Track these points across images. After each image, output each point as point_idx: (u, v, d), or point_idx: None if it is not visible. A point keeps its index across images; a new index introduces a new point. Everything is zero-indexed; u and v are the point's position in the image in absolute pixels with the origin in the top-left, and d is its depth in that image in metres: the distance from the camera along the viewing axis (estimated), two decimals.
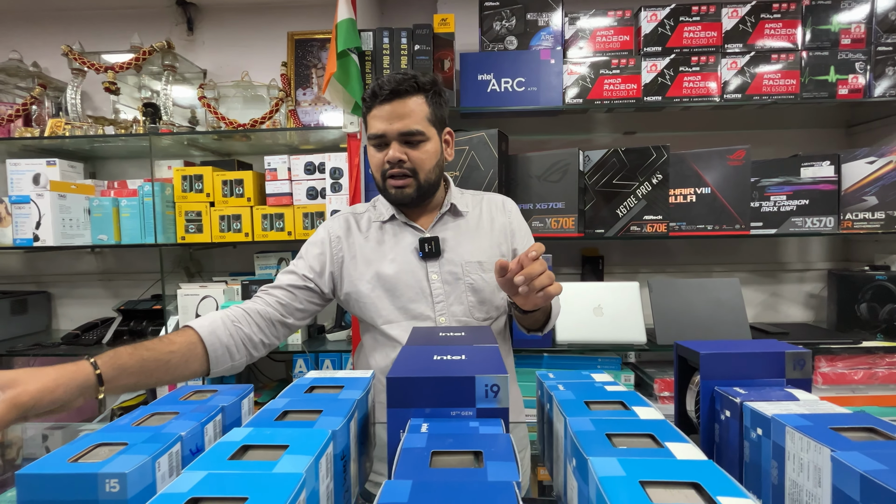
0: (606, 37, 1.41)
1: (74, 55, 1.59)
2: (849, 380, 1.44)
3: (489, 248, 0.91)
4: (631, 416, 0.45)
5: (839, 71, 1.38)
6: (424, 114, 0.83)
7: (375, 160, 0.86)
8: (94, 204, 1.52)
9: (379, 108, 0.82)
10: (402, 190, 0.85)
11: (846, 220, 1.45)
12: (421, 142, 0.84)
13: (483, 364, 0.50)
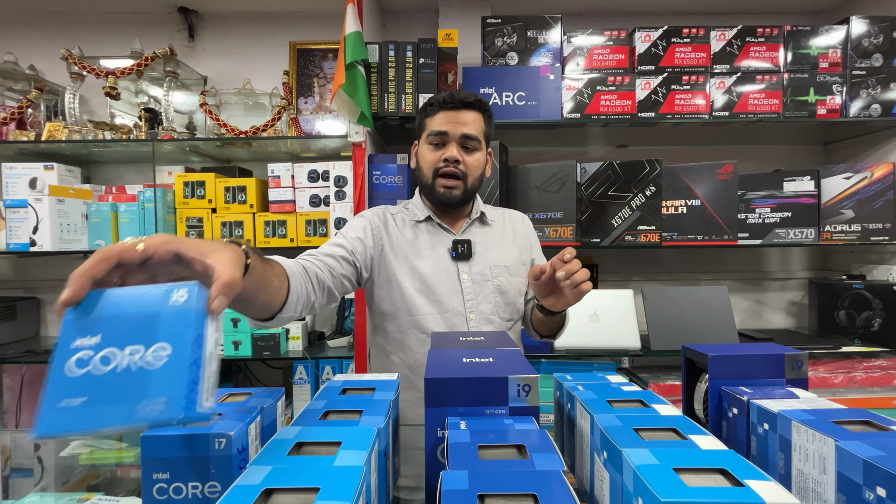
0: (602, 55, 1.47)
1: (74, 59, 1.58)
2: (829, 384, 1.52)
3: (514, 255, 0.99)
4: (652, 413, 0.49)
5: (818, 92, 1.47)
6: (481, 128, 0.94)
7: (430, 158, 0.93)
8: (92, 209, 1.51)
9: (445, 112, 0.92)
10: (450, 190, 0.93)
11: (826, 232, 1.54)
12: (475, 149, 0.94)
13: (513, 365, 0.53)
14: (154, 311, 0.36)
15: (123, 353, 0.35)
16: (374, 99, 1.43)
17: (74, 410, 0.33)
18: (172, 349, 0.35)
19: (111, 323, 0.36)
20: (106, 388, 0.34)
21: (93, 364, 0.34)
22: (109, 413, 0.33)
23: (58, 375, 0.34)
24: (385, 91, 1.43)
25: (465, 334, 0.73)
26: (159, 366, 0.34)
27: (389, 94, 1.42)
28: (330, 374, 1.56)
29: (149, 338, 0.35)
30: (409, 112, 1.42)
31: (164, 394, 0.34)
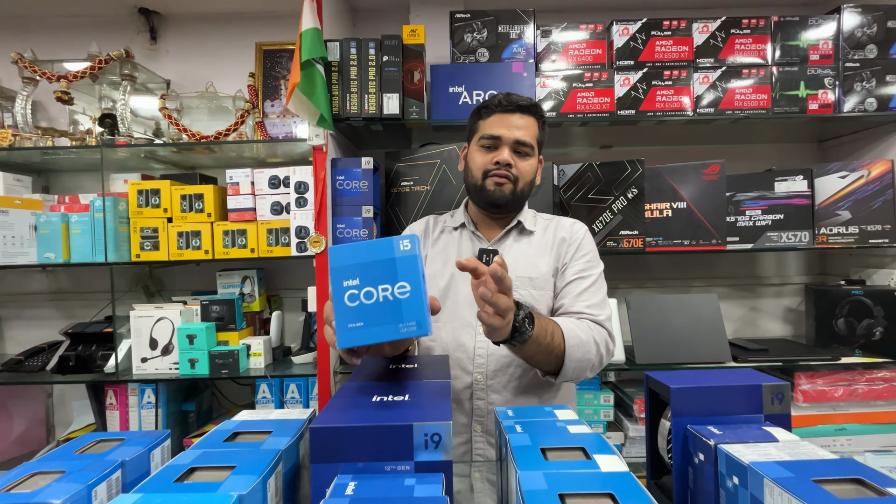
0: (579, 50, 1.39)
1: (25, 63, 1.50)
2: (829, 397, 1.42)
3: (546, 266, 0.93)
4: (591, 469, 0.39)
5: (809, 86, 1.38)
6: (535, 134, 0.93)
7: (481, 160, 0.92)
8: (40, 220, 1.42)
9: (500, 116, 0.91)
10: (500, 187, 0.90)
11: (821, 235, 1.44)
12: (528, 155, 0.92)
13: (425, 408, 0.44)
14: (389, 257, 0.48)
15: (378, 290, 0.47)
16: (335, 99, 1.34)
17: (359, 330, 0.47)
18: (410, 287, 0.48)
19: (363, 269, 0.48)
20: (374, 315, 0.47)
21: (360, 298, 0.47)
22: (381, 331, 0.47)
23: (340, 305, 0.48)
24: (347, 91, 1.34)
25: (402, 359, 0.64)
26: (405, 298, 0.47)
27: (352, 95, 1.34)
28: (295, 392, 1.47)
29: (392, 278, 0.48)
30: (372, 113, 1.34)
31: (413, 318, 0.47)
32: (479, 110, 0.94)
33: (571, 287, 0.89)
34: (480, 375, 0.87)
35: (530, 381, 0.87)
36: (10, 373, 1.45)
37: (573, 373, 0.78)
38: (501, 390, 0.87)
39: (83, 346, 1.46)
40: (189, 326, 1.38)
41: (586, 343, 0.79)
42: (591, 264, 0.92)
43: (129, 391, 1.45)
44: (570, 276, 0.90)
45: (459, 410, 0.88)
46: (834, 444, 1.43)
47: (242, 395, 1.74)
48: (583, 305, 0.86)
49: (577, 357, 0.77)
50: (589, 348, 0.79)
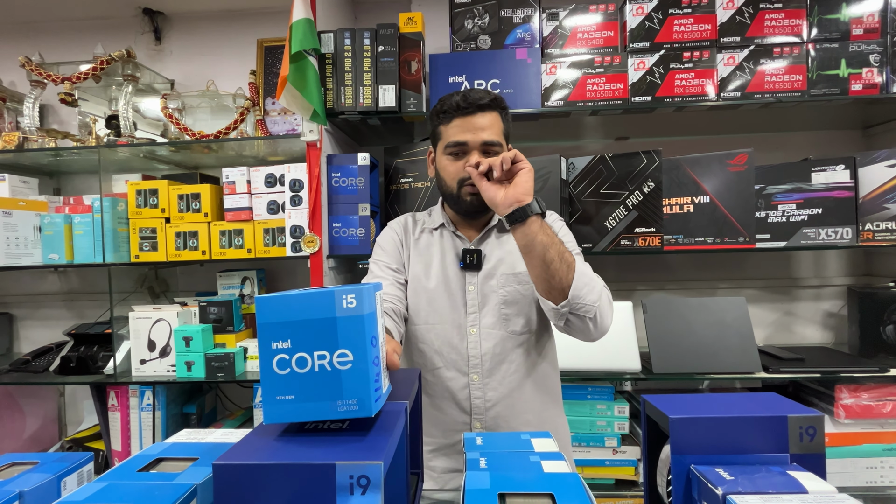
0: (588, 33, 1.29)
1: (32, 66, 1.52)
2: (876, 413, 1.26)
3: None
4: None
5: (851, 64, 1.23)
6: (500, 128, 0.89)
7: (452, 169, 0.88)
8: (44, 221, 1.43)
9: (462, 119, 0.86)
10: (477, 197, 0.86)
11: (866, 231, 1.29)
12: (497, 153, 0.87)
13: (359, 442, 0.36)
14: (329, 316, 0.40)
15: (313, 357, 0.40)
16: (329, 93, 1.29)
17: (288, 404, 0.39)
18: (353, 356, 0.39)
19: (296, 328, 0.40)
20: (307, 388, 0.39)
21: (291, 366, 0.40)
22: (314, 409, 0.39)
23: (267, 372, 0.40)
24: (341, 84, 1.28)
25: None
26: (345, 370, 0.39)
27: (346, 87, 1.28)
28: None
29: (331, 344, 0.40)
30: (367, 106, 1.28)
31: (355, 396, 0.39)
32: (438, 114, 0.89)
33: None
34: (476, 375, 0.88)
35: (527, 377, 0.89)
36: (18, 373, 1.47)
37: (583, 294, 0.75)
38: (498, 387, 0.88)
39: (85, 346, 1.46)
40: (185, 328, 1.36)
41: (592, 277, 0.79)
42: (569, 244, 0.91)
43: (129, 393, 1.44)
44: None
45: (458, 408, 0.89)
46: (882, 466, 1.28)
47: (246, 398, 1.71)
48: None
49: (587, 272, 0.79)
50: (595, 283, 0.79)
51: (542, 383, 0.92)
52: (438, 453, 0.91)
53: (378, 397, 0.40)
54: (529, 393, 0.89)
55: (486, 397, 0.88)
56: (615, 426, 1.34)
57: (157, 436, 1.43)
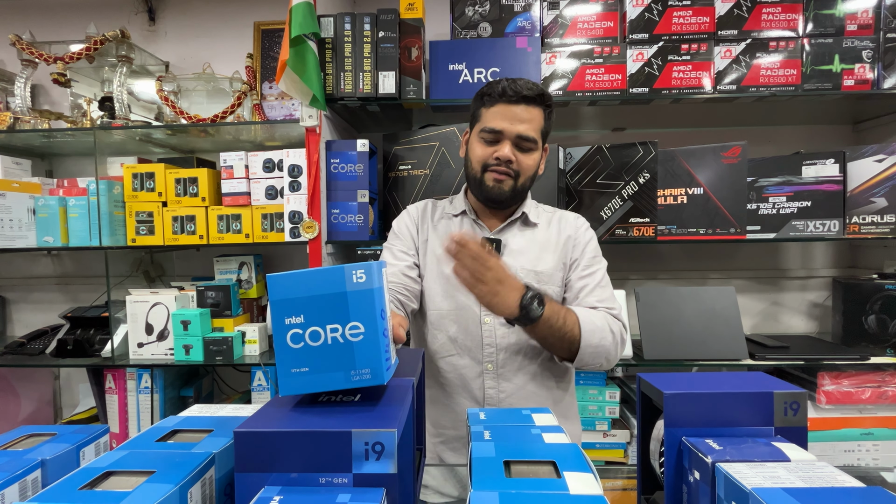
0: (588, 23, 1.29)
1: (23, 45, 1.49)
2: (856, 399, 1.32)
3: (551, 261, 0.91)
4: (558, 490, 0.33)
5: (844, 60, 1.26)
6: (540, 125, 0.87)
7: (481, 153, 0.87)
8: (39, 203, 1.42)
9: (504, 106, 0.84)
10: (500, 184, 0.86)
11: (852, 224, 1.32)
12: (531, 150, 0.87)
13: (372, 412, 0.38)
14: (340, 291, 0.41)
15: (326, 330, 0.41)
16: (329, 79, 1.28)
17: (304, 376, 0.40)
18: (365, 328, 0.41)
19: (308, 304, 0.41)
20: (321, 360, 0.41)
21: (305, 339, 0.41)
22: (329, 379, 0.40)
23: (282, 346, 0.41)
24: (341, 69, 1.28)
25: None
26: (357, 342, 0.41)
27: (346, 73, 1.28)
28: None
29: (343, 317, 0.41)
30: (367, 92, 1.28)
31: (367, 366, 0.40)
32: (483, 96, 0.88)
33: (581, 284, 0.90)
34: (490, 364, 0.88)
35: (542, 368, 0.88)
36: (13, 355, 1.47)
37: (589, 358, 0.80)
38: (512, 377, 0.87)
39: (81, 329, 1.46)
40: (183, 312, 1.36)
41: (602, 329, 0.80)
42: (596, 260, 0.93)
43: (127, 376, 1.45)
44: (579, 274, 0.91)
45: (470, 398, 0.88)
46: (859, 449, 1.34)
47: (243, 382, 1.73)
48: (595, 300, 0.88)
49: (593, 343, 0.79)
50: (605, 335, 0.80)
51: (558, 376, 0.90)
52: (447, 447, 0.90)
53: (389, 367, 0.42)
54: (544, 385, 0.88)
55: (499, 388, 0.86)
56: (606, 411, 1.38)
57: (156, 418, 1.44)
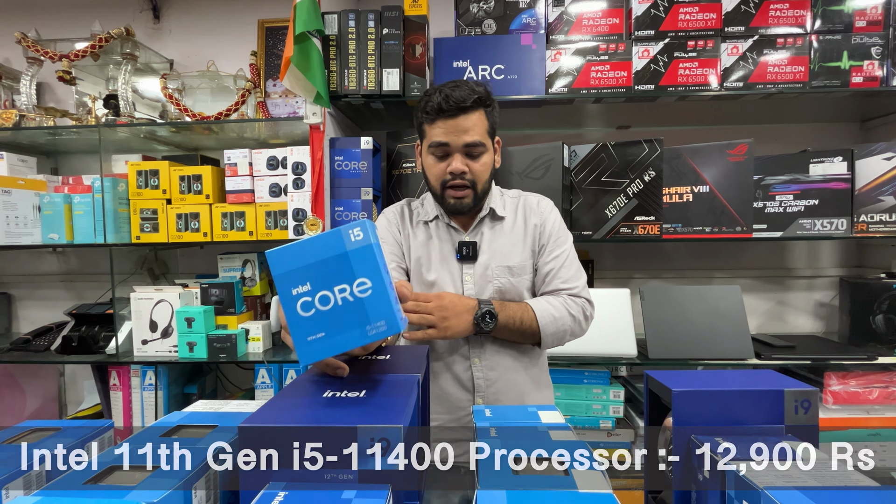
0: (594, 19, 1.28)
1: (28, 43, 1.49)
2: (863, 399, 1.30)
3: (520, 253, 0.95)
4: (566, 488, 0.33)
5: (853, 57, 1.24)
6: (485, 127, 0.89)
7: (436, 170, 0.90)
8: (44, 201, 1.42)
9: (444, 121, 0.87)
10: (461, 200, 0.90)
11: (860, 223, 1.31)
12: (481, 153, 0.89)
13: (378, 408, 0.38)
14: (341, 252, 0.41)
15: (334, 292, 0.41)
16: (333, 76, 1.28)
17: (321, 342, 0.41)
18: (372, 283, 0.41)
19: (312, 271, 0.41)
20: (335, 322, 0.41)
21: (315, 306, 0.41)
22: (347, 338, 0.41)
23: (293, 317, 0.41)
24: (345, 66, 1.28)
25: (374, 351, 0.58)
26: (367, 297, 0.41)
27: (350, 70, 1.28)
28: (294, 377, 1.44)
29: (348, 276, 0.41)
30: (371, 89, 1.27)
31: (381, 317, 0.41)
32: (422, 112, 0.89)
33: (547, 268, 0.95)
34: (477, 359, 0.93)
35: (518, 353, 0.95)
36: (19, 352, 1.47)
37: (552, 341, 0.91)
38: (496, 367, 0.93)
39: (86, 326, 1.47)
40: (187, 309, 1.37)
41: (559, 319, 0.89)
42: (560, 241, 0.96)
43: (131, 373, 1.45)
44: (545, 260, 0.95)
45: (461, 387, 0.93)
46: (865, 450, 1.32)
47: (246, 379, 1.73)
48: (559, 282, 0.94)
49: (550, 332, 0.89)
50: (563, 322, 0.90)
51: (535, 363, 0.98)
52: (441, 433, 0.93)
53: (402, 317, 0.43)
54: (524, 371, 0.95)
55: (486, 377, 0.92)
56: (610, 410, 1.37)
57: (160, 415, 1.45)
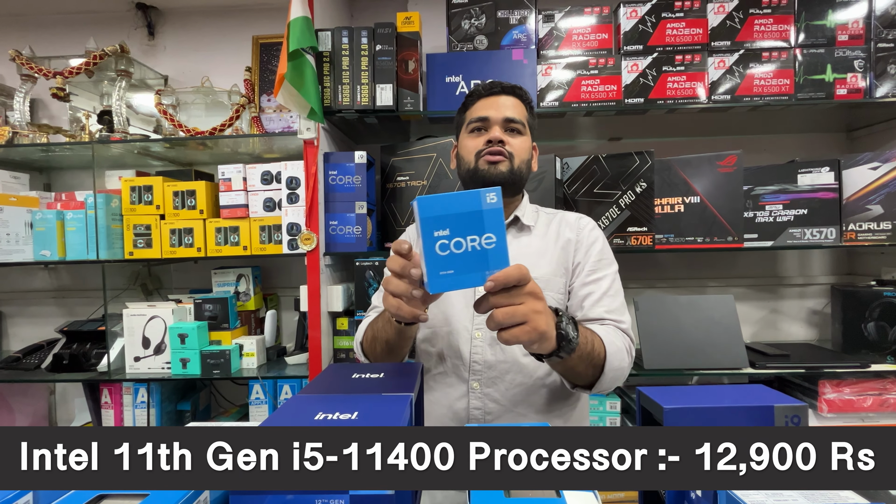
0: (583, 35, 1.31)
1: (22, 60, 1.50)
2: (857, 407, 1.31)
3: (548, 266, 0.85)
4: None
5: (836, 69, 1.27)
6: (524, 114, 0.88)
7: (471, 144, 0.86)
8: (36, 217, 1.42)
9: (485, 100, 0.87)
10: (495, 166, 0.83)
11: (849, 231, 1.33)
12: (519, 132, 0.87)
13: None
14: (476, 209, 0.51)
15: (466, 240, 0.50)
16: (326, 91, 1.29)
17: (449, 277, 0.51)
18: (496, 238, 0.51)
19: (452, 220, 0.50)
20: (463, 263, 0.51)
21: (450, 248, 0.50)
22: (469, 279, 0.51)
23: (431, 254, 0.51)
24: (339, 82, 1.29)
25: (363, 369, 0.58)
26: (491, 248, 0.51)
27: (343, 86, 1.29)
28: (289, 393, 1.43)
29: (479, 229, 0.51)
30: (364, 105, 1.29)
31: (498, 267, 0.51)
32: (465, 102, 0.92)
33: (585, 291, 0.82)
34: (476, 383, 0.82)
35: (532, 389, 0.80)
36: (8, 370, 1.45)
37: (609, 383, 0.72)
38: (500, 399, 0.81)
39: (78, 344, 1.45)
40: (180, 325, 1.36)
41: (621, 350, 0.73)
42: (603, 264, 0.85)
43: (123, 390, 1.44)
44: (582, 280, 0.84)
45: (455, 420, 0.83)
46: None
47: (240, 395, 1.71)
48: (603, 310, 0.80)
49: (615, 366, 0.71)
50: (623, 356, 0.73)
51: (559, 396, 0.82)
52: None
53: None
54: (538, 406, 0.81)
55: (486, 408, 0.81)
56: (607, 421, 1.37)
57: None
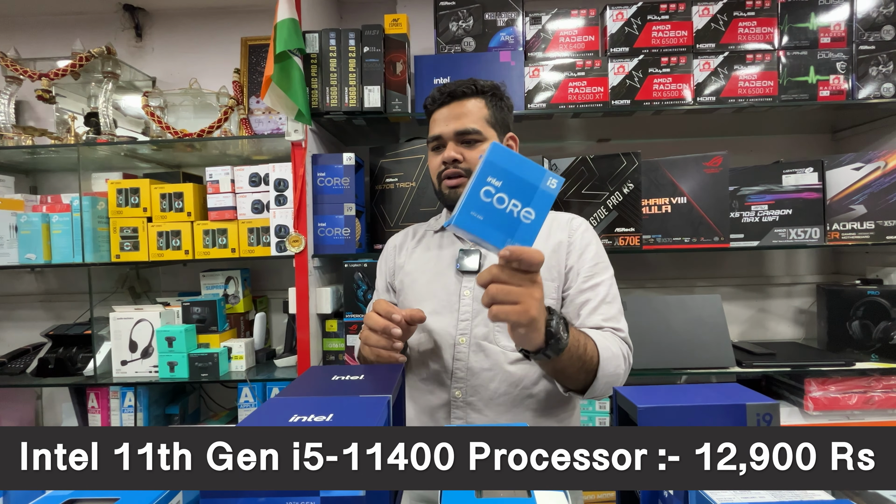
0: (570, 37, 1.32)
1: (7, 62, 1.48)
2: (843, 405, 1.32)
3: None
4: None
5: (819, 71, 1.29)
6: (483, 115, 0.83)
7: (433, 164, 0.86)
8: (21, 220, 1.40)
9: (439, 111, 0.84)
10: (454, 190, 0.83)
11: (833, 231, 1.35)
12: (478, 141, 0.83)
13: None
14: (535, 183, 0.51)
15: (511, 201, 0.51)
16: (314, 93, 1.29)
17: (476, 221, 0.51)
18: (535, 217, 0.51)
19: (509, 177, 0.51)
20: (496, 218, 0.51)
21: (494, 198, 0.51)
22: (492, 234, 0.51)
23: (475, 193, 0.51)
24: (327, 84, 1.29)
25: (344, 371, 0.58)
26: (525, 222, 0.51)
27: (331, 88, 1.29)
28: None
29: (526, 200, 0.51)
30: (352, 106, 1.29)
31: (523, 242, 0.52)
32: (426, 111, 0.89)
33: (582, 298, 0.79)
34: (459, 391, 0.79)
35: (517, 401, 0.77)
36: None
37: (602, 389, 0.70)
38: (483, 409, 0.78)
39: (64, 348, 1.44)
40: (168, 329, 1.35)
41: (616, 357, 0.71)
42: (599, 269, 0.83)
43: (110, 394, 1.42)
44: (578, 286, 0.80)
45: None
46: None
47: (229, 398, 1.70)
48: (600, 318, 0.77)
49: (609, 371, 0.69)
50: (619, 362, 0.71)
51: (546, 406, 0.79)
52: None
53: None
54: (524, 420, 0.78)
55: (468, 418, 0.78)
56: (597, 421, 1.38)
57: None
